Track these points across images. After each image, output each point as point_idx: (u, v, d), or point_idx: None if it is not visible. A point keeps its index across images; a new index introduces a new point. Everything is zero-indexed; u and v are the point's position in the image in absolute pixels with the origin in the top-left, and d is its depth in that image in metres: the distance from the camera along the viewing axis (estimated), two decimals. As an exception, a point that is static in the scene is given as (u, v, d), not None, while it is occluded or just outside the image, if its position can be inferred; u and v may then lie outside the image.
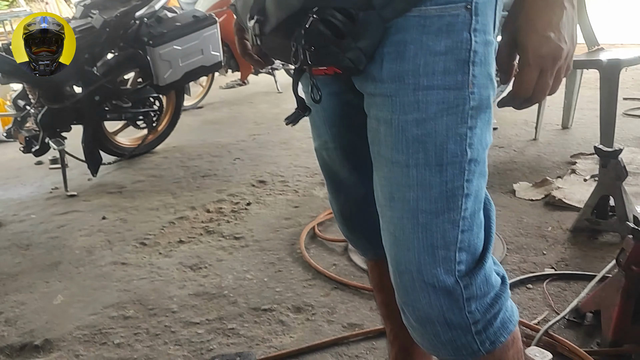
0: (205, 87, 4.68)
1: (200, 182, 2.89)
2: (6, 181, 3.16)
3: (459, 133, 0.74)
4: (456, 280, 0.76)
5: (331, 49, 0.72)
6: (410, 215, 0.76)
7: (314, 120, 0.98)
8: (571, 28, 0.73)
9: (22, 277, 2.02)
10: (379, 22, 0.72)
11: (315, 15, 0.70)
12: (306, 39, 0.72)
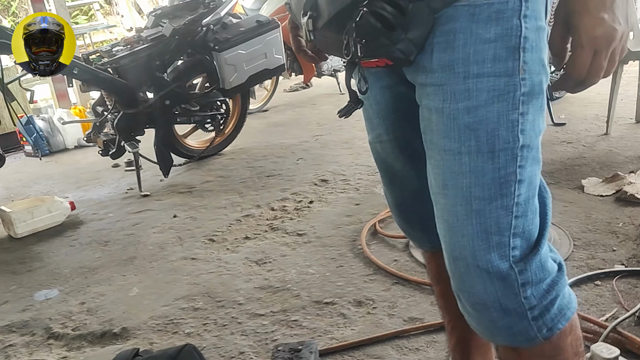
0: (270, 90, 4.79)
1: (265, 181, 2.98)
2: (87, 183, 3.37)
3: (511, 119, 0.74)
4: (511, 265, 0.77)
5: (382, 41, 0.74)
6: (464, 202, 0.77)
7: (367, 114, 1.00)
8: (625, 9, 0.72)
9: (102, 271, 2.16)
10: (428, 13, 0.73)
11: (366, 8, 0.73)
12: (357, 32, 0.74)
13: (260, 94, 4.80)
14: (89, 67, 2.82)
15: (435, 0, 0.73)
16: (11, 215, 2.55)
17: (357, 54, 0.76)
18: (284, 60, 3.39)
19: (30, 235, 2.58)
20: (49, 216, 2.64)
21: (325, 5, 0.79)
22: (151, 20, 3.21)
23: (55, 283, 2.10)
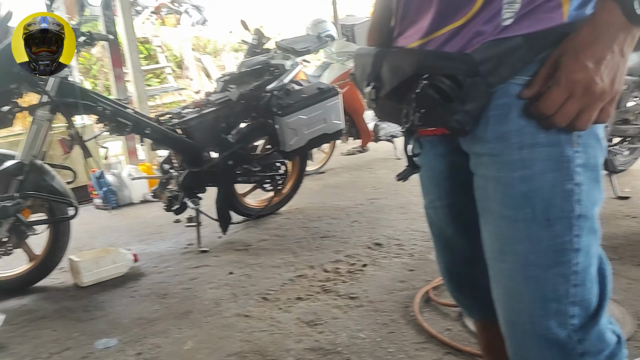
0: (328, 153, 4.91)
1: (319, 242, 3.02)
2: (149, 236, 3.52)
3: (566, 189, 0.77)
4: (569, 334, 0.77)
5: (439, 112, 0.79)
6: (521, 267, 0.79)
7: (423, 180, 1.05)
8: (614, 73, 0.73)
9: (159, 323, 2.23)
10: (485, 88, 0.78)
11: (426, 81, 0.78)
12: (417, 102, 0.79)
13: (318, 157, 4.92)
14: (159, 127, 3.01)
15: (491, 77, 0.77)
16: (79, 264, 2.69)
17: (416, 122, 0.81)
18: (343, 125, 3.50)
19: (95, 284, 2.70)
20: (113, 267, 2.76)
21: (388, 77, 0.86)
22: (220, 85, 3.42)
23: (115, 332, 2.18)
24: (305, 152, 3.57)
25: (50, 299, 2.63)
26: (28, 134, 2.62)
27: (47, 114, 2.64)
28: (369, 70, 0.90)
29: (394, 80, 0.84)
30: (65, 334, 2.22)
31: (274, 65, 3.41)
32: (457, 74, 0.77)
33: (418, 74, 0.79)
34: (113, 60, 5.21)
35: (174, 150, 3.17)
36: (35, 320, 2.38)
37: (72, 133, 2.74)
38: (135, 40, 5.29)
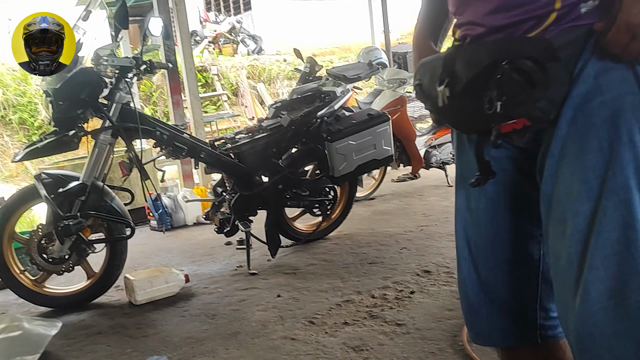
0: (378, 179, 4.92)
1: (367, 268, 3.01)
2: (201, 258, 3.60)
3: None
4: None
5: (522, 98, 0.77)
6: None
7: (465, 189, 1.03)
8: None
9: (207, 343, 2.28)
10: (565, 73, 0.77)
11: (507, 65, 0.77)
12: (499, 89, 0.77)
13: (368, 183, 4.93)
14: (214, 152, 3.11)
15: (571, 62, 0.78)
16: (134, 282, 2.79)
17: (497, 111, 0.78)
18: (393, 151, 3.51)
19: (148, 303, 2.78)
20: (165, 286, 2.85)
21: (463, 69, 0.84)
22: (271, 111, 3.51)
23: (166, 350, 2.24)
24: (354, 177, 3.59)
25: (106, 315, 2.74)
26: (90, 156, 2.77)
27: (109, 137, 2.79)
28: (440, 70, 0.88)
29: (471, 71, 0.82)
30: (119, 350, 2.29)
31: (325, 92, 3.47)
32: (539, 57, 0.76)
33: (497, 60, 0.77)
34: (172, 88, 5.43)
35: (227, 174, 3.26)
36: (91, 335, 2.48)
37: (131, 156, 2.87)
38: (194, 68, 5.50)
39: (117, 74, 2.79)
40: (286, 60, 11.90)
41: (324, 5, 14.58)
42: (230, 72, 11.28)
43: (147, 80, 10.09)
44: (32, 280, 2.85)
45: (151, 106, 10.25)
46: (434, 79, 0.90)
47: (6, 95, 9.05)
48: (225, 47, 13.00)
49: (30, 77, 9.33)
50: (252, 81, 11.37)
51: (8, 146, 8.78)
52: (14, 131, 9.01)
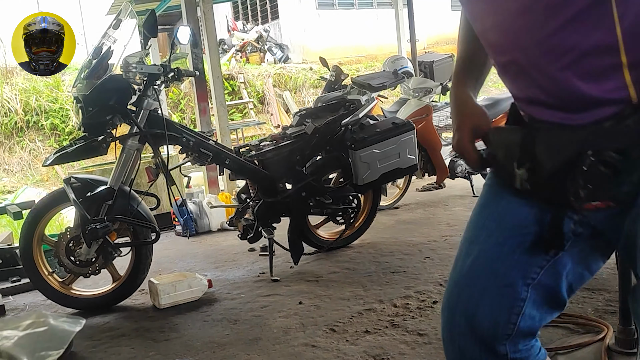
0: (402, 189, 4.89)
1: (389, 277, 3.00)
2: (225, 263, 3.63)
3: None
4: None
5: (607, 185, 0.79)
6: None
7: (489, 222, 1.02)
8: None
9: (229, 348, 2.29)
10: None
11: (593, 157, 0.78)
12: (584, 179, 0.79)
13: (392, 192, 4.92)
14: (239, 158, 3.14)
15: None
16: (158, 286, 2.82)
17: (579, 198, 0.80)
18: (417, 160, 3.49)
19: (171, 307, 2.82)
20: (188, 291, 2.88)
21: (545, 156, 0.85)
22: (296, 119, 3.53)
23: (188, 354, 2.26)
24: (378, 186, 3.58)
25: (131, 318, 2.78)
26: (118, 162, 2.83)
27: (136, 143, 2.84)
28: (518, 151, 0.89)
29: (556, 158, 0.83)
30: (143, 352, 2.32)
31: (350, 100, 3.48)
32: (625, 146, 0.77)
33: (583, 151, 0.79)
34: (199, 95, 5.51)
35: (251, 181, 3.28)
36: (116, 338, 2.52)
37: (157, 162, 2.92)
38: (221, 76, 5.58)
39: (145, 81, 2.84)
40: (312, 69, 11.97)
41: (351, 14, 14.64)
42: (256, 80, 11.39)
43: (175, 87, 10.26)
44: (60, 282, 2.92)
45: (179, 113, 10.40)
46: (510, 156, 0.91)
47: (39, 101, 9.30)
48: (253, 55, 13.15)
49: (63, 84, 9.57)
50: (278, 89, 11.46)
51: (40, 151, 9.00)
52: (45, 136, 9.25)
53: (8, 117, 9.05)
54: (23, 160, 8.90)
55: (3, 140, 9.00)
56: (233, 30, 14.39)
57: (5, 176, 8.65)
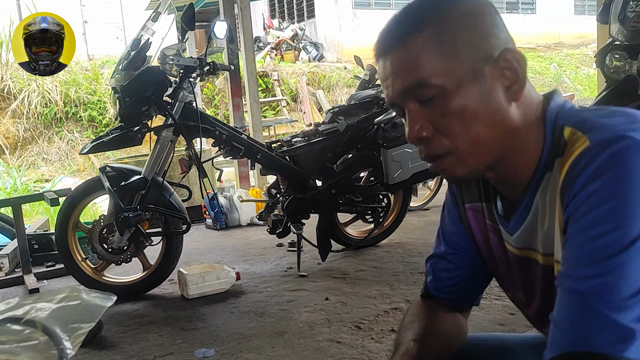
0: (433, 190, 4.85)
1: (417, 278, 2.98)
2: (253, 257, 3.66)
3: None
4: None
5: None
6: None
7: None
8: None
9: (254, 339, 2.31)
10: None
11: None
12: None
13: (423, 193, 4.88)
14: (270, 153, 3.16)
15: None
16: (187, 277, 2.86)
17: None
18: (449, 161, 3.45)
19: (199, 297, 2.85)
20: (216, 282, 2.91)
21: None
22: (328, 116, 3.53)
23: (214, 344, 2.29)
24: (409, 185, 3.55)
25: (159, 306, 2.82)
26: (152, 152, 2.88)
27: (171, 135, 2.88)
28: None
29: None
30: (170, 340, 2.36)
31: (383, 99, 3.45)
32: None
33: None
34: (233, 90, 5.57)
35: (281, 176, 3.30)
36: (144, 325, 2.56)
37: (190, 154, 2.96)
38: (255, 73, 5.62)
39: (181, 73, 2.88)
40: (346, 68, 11.96)
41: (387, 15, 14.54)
42: (290, 78, 11.44)
43: (210, 83, 10.39)
44: (92, 268, 2.98)
45: (212, 109, 10.53)
46: None
47: (78, 93, 9.53)
48: (287, 53, 13.21)
49: (101, 77, 9.79)
50: (312, 88, 11.49)
51: (77, 142, 9.23)
52: (83, 128, 9.47)
53: (48, 107, 9.31)
54: (61, 150, 9.14)
55: (43, 130, 9.26)
56: (269, 28, 14.49)
57: (44, 165, 8.90)
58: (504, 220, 0.87)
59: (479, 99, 0.75)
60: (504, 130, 0.76)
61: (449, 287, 1.02)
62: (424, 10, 0.77)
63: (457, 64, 0.74)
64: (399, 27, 0.78)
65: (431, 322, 0.99)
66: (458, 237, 1.00)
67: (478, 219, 0.95)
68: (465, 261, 1.00)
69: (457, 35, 0.74)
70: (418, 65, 0.74)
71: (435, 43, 0.74)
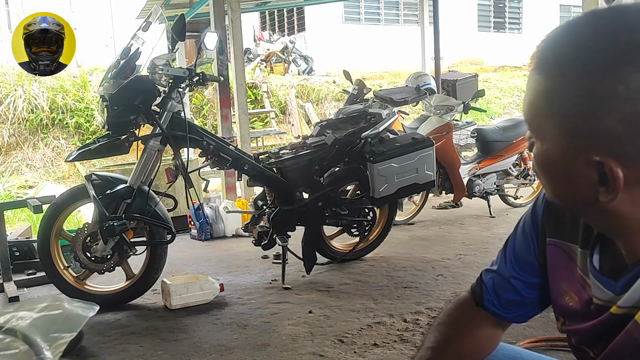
0: (418, 205, 4.88)
1: (401, 292, 2.99)
2: (237, 269, 3.65)
3: None
4: None
5: None
6: None
7: None
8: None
9: (237, 352, 2.30)
10: None
11: None
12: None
13: (409, 208, 4.90)
14: (257, 165, 3.17)
15: None
16: (170, 287, 2.84)
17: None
18: (434, 176, 3.48)
19: (182, 308, 2.83)
20: (200, 293, 2.89)
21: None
22: (316, 129, 3.55)
23: (195, 355, 2.27)
24: (394, 200, 3.57)
25: (142, 316, 2.80)
26: (139, 161, 2.87)
27: (158, 144, 2.88)
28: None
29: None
30: (151, 351, 2.34)
31: (371, 114, 3.49)
32: None
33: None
34: (221, 101, 5.58)
35: (268, 188, 3.30)
36: (125, 335, 2.54)
37: (177, 164, 2.95)
38: (244, 84, 5.63)
39: (170, 83, 2.89)
40: (335, 82, 12.03)
41: (377, 30, 14.72)
42: (279, 91, 11.48)
43: (199, 93, 10.39)
44: (75, 277, 2.95)
45: (201, 119, 10.51)
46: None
47: (65, 100, 9.48)
48: (277, 65, 13.27)
49: (89, 84, 9.75)
50: (301, 100, 11.53)
51: (63, 148, 9.16)
52: (69, 135, 9.40)
53: (34, 113, 9.24)
54: (46, 157, 9.06)
55: (28, 135, 9.18)
56: (259, 40, 14.55)
57: (28, 171, 8.81)
58: (603, 276, 0.79)
59: (561, 175, 0.71)
60: (597, 212, 0.71)
61: (503, 306, 0.99)
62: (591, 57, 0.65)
63: (553, 128, 0.69)
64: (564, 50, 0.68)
65: (463, 331, 0.99)
66: (528, 266, 0.96)
67: (561, 258, 0.88)
68: (528, 290, 0.97)
69: (577, 106, 0.66)
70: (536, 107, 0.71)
71: (559, 95, 0.67)
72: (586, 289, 0.82)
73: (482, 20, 16.13)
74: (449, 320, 1.01)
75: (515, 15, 16.83)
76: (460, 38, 14.56)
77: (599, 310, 0.80)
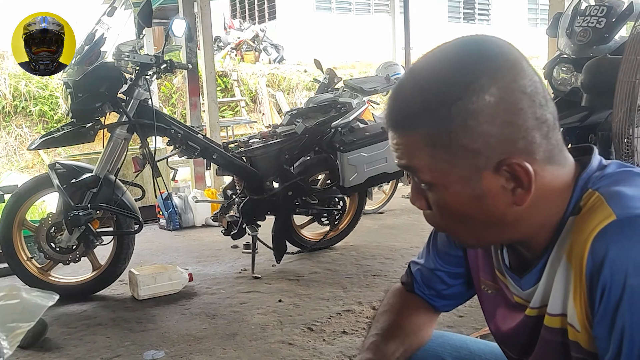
0: (388, 194, 4.92)
1: (370, 280, 3.01)
2: (207, 259, 3.62)
3: None
4: None
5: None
6: None
7: None
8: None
9: (205, 341, 2.28)
10: None
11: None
12: None
13: (378, 197, 4.93)
14: (226, 154, 3.14)
15: None
16: (138, 277, 2.81)
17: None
18: (404, 166, 3.50)
19: (150, 298, 2.80)
20: (169, 283, 2.86)
21: None
22: (287, 118, 3.53)
23: (164, 346, 2.25)
24: (364, 189, 3.59)
25: (108, 307, 2.76)
26: (105, 150, 2.81)
27: (125, 132, 2.83)
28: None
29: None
30: (118, 342, 2.31)
31: (341, 103, 3.50)
32: None
33: None
34: (190, 89, 5.50)
35: (238, 177, 3.28)
36: (92, 326, 2.50)
37: (144, 152, 2.91)
38: (214, 72, 5.57)
39: (137, 70, 2.84)
40: (307, 71, 11.97)
41: (348, 19, 14.69)
42: (250, 79, 11.37)
43: (168, 82, 10.22)
44: (39, 268, 2.89)
45: (170, 107, 10.35)
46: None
47: (29, 87, 9.21)
48: (248, 54, 13.13)
49: (54, 71, 9.47)
50: (272, 89, 11.45)
51: (26, 137, 8.91)
52: (33, 123, 9.15)
53: (-4, 101, 8.95)
54: (9, 146, 8.80)
55: (-10, 124, 8.90)
56: (229, 28, 14.37)
57: (-10, 160, 8.56)
58: (512, 273, 0.84)
59: (470, 202, 0.73)
60: (505, 225, 0.75)
61: (432, 293, 1.04)
62: (434, 100, 0.69)
63: (448, 167, 0.71)
64: (407, 108, 0.73)
65: (403, 316, 1.02)
66: (452, 258, 1.00)
67: (481, 257, 0.93)
68: (453, 281, 1.02)
69: (455, 138, 0.69)
70: (413, 155, 0.73)
71: (430, 142, 0.71)
72: (500, 284, 0.88)
73: (452, 11, 16.24)
74: (390, 309, 1.05)
75: (485, 7, 17.01)
76: (431, 28, 14.63)
77: (519, 307, 0.84)
